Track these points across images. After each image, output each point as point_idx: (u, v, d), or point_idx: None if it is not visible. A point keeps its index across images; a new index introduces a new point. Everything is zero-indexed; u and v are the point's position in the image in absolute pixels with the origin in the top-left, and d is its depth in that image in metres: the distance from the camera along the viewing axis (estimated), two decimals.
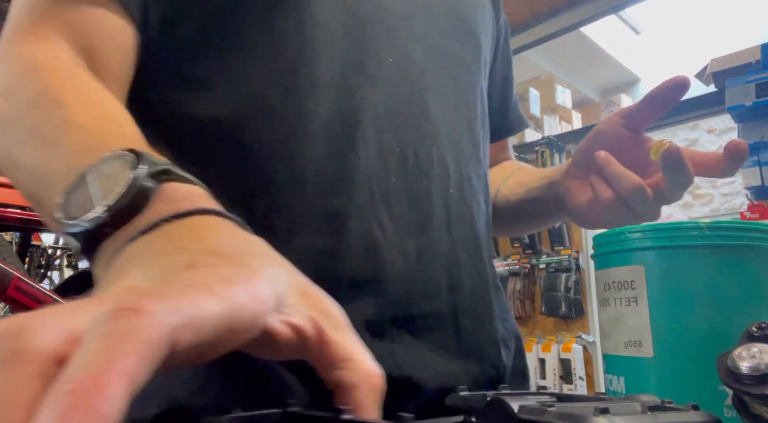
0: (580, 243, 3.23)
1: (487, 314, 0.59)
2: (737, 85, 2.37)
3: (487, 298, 0.59)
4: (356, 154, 0.51)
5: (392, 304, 0.51)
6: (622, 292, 0.49)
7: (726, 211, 3.87)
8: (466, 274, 0.57)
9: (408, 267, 0.52)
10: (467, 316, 0.56)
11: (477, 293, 0.58)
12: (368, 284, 0.50)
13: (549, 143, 3.31)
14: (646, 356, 0.47)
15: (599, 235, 0.55)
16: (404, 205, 0.53)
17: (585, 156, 0.61)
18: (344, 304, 0.48)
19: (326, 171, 0.50)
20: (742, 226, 0.48)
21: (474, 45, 0.64)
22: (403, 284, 0.51)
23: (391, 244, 0.52)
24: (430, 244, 0.54)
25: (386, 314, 0.50)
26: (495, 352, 0.58)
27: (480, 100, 0.65)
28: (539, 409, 0.27)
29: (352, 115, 0.52)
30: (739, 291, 0.46)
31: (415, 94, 0.56)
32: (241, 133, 0.49)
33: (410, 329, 0.52)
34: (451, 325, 0.55)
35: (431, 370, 0.52)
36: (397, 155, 0.53)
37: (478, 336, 0.57)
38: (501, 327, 0.61)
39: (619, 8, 3.06)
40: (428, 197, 0.55)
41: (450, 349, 0.54)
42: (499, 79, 0.78)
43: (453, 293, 0.55)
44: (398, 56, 0.55)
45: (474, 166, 0.61)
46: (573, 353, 3.05)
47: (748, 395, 0.33)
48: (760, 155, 2.34)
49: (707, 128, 4.01)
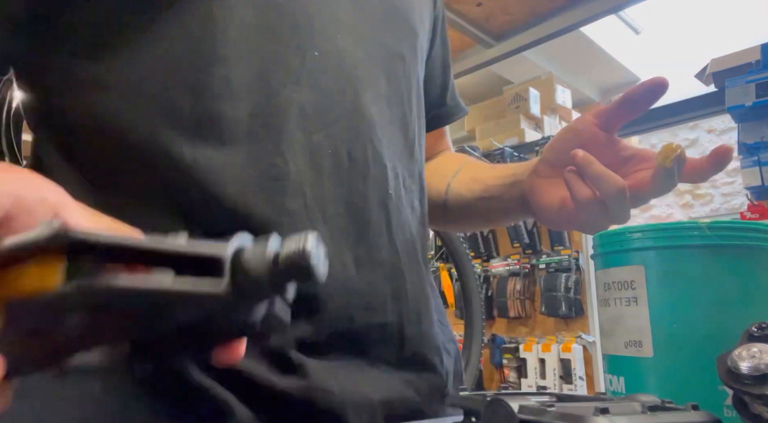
0: (580, 243, 3.22)
1: (428, 319, 0.57)
2: (737, 85, 2.37)
3: (427, 302, 0.57)
4: (283, 158, 0.47)
5: (332, 320, 0.48)
6: (622, 292, 0.49)
7: (726, 211, 3.87)
8: (409, 280, 0.54)
9: (347, 278, 0.49)
10: (411, 324, 0.54)
11: (419, 299, 0.56)
12: (304, 300, 0.45)
13: None
14: (646, 356, 0.47)
15: (599, 235, 0.55)
16: (341, 210, 0.50)
17: (558, 154, 0.56)
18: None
19: (248, 179, 0.46)
20: (742, 226, 0.48)
21: (409, 33, 0.60)
22: (343, 298, 0.48)
23: (328, 255, 0.48)
24: (370, 251, 0.51)
25: (323, 331, 0.48)
26: (437, 358, 0.56)
27: (416, 92, 0.61)
28: (539, 409, 0.27)
29: (275, 117, 0.47)
30: (739, 291, 0.46)
31: (346, 89, 0.52)
32: (146, 140, 0.45)
33: (351, 345, 0.50)
34: (396, 336, 0.52)
35: (373, 385, 0.50)
36: (330, 157, 0.49)
37: (421, 343, 0.55)
38: (440, 331, 0.59)
39: (619, 8, 3.05)
40: (366, 201, 0.51)
41: (392, 362, 0.52)
42: (438, 65, 0.73)
43: (397, 302, 0.52)
44: (324, 50, 0.51)
45: (407, 164, 0.58)
46: (573, 353, 3.05)
47: (748, 395, 0.33)
48: (760, 155, 2.33)
49: (707, 128, 4.01)
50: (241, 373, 0.45)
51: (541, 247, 3.37)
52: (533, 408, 0.27)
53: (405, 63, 0.59)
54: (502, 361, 3.32)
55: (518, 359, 3.28)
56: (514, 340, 3.36)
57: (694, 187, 4.04)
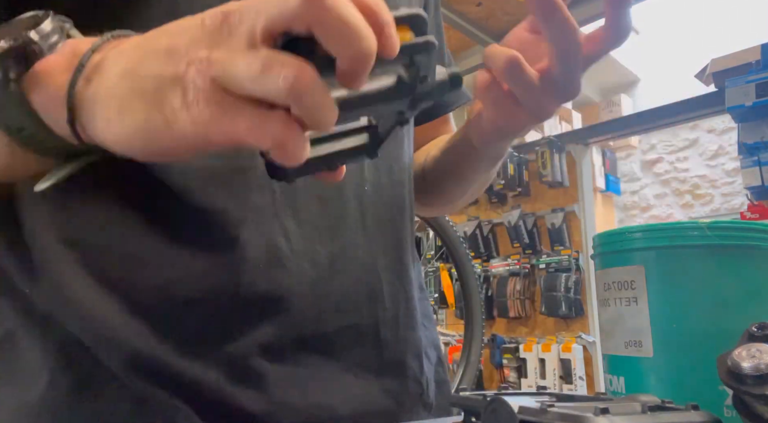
0: (580, 243, 3.23)
1: (410, 323, 0.54)
2: (737, 85, 2.37)
3: (411, 304, 0.54)
4: (250, 149, 0.43)
5: (299, 322, 0.46)
6: (622, 292, 0.49)
7: (726, 211, 3.87)
8: (387, 280, 0.52)
9: (318, 277, 0.47)
10: (388, 328, 0.51)
11: (399, 300, 0.53)
12: (270, 301, 0.44)
13: (549, 143, 3.31)
14: (646, 356, 0.47)
15: (599, 235, 0.55)
16: (312, 205, 0.47)
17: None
18: (240, 326, 0.44)
19: (212, 170, 0.44)
20: (742, 226, 0.48)
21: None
22: (312, 298, 0.46)
23: (298, 253, 0.46)
24: (345, 249, 0.49)
25: (290, 334, 0.45)
26: (417, 364, 0.54)
27: None
28: (539, 409, 0.27)
29: None
30: (739, 291, 0.46)
31: None
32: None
33: (321, 349, 0.47)
34: (370, 340, 0.50)
35: (345, 394, 0.47)
36: None
37: (399, 348, 0.52)
38: (423, 335, 0.56)
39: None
40: (340, 195, 0.49)
41: (368, 367, 0.49)
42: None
43: (373, 303, 0.50)
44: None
45: (396, 154, 0.55)
46: (573, 353, 3.06)
47: (749, 395, 0.33)
48: (760, 155, 2.33)
49: (707, 128, 4.01)
50: (192, 381, 0.42)
51: (541, 247, 3.37)
52: (533, 408, 0.27)
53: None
54: (502, 361, 3.33)
55: (518, 359, 3.29)
56: (514, 340, 3.36)
57: (693, 187, 4.04)
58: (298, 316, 0.46)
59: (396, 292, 0.53)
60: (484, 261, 3.56)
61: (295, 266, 0.45)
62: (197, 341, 0.43)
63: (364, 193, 0.51)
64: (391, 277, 0.53)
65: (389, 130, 0.37)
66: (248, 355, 0.44)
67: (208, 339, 0.43)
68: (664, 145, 4.20)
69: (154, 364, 0.42)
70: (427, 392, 0.55)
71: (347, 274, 0.49)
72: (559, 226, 3.29)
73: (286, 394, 0.44)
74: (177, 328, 0.43)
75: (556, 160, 3.29)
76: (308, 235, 0.47)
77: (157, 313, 0.43)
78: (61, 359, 0.42)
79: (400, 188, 0.56)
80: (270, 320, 0.45)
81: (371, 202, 0.52)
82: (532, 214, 3.43)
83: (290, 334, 0.45)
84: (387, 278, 0.52)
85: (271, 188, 0.45)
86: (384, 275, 0.52)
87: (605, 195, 3.93)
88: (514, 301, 3.35)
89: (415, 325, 0.55)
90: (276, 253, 0.45)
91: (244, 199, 0.44)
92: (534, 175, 3.42)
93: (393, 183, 0.55)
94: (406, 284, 0.54)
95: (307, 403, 0.45)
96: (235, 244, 0.44)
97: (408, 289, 0.54)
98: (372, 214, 0.51)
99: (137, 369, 0.42)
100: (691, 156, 4.09)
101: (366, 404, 0.48)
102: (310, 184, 0.47)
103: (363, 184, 0.51)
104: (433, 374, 0.57)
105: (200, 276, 0.43)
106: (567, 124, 3.87)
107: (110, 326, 0.42)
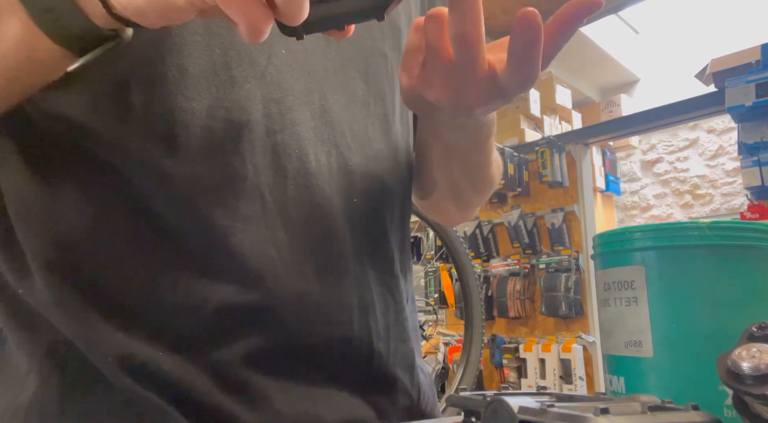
0: (580, 243, 3.23)
1: (401, 335, 0.53)
2: (737, 85, 2.37)
3: (402, 316, 0.54)
4: (241, 158, 0.44)
5: (288, 333, 0.45)
6: (622, 292, 0.49)
7: (726, 211, 3.87)
8: (376, 292, 0.51)
9: (306, 287, 0.46)
10: (380, 340, 0.50)
11: (387, 312, 0.52)
12: (258, 311, 0.44)
13: (549, 143, 3.31)
14: (646, 356, 0.47)
15: (599, 235, 0.55)
16: (303, 215, 0.47)
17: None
18: (228, 335, 0.44)
19: (200, 178, 0.43)
20: (742, 226, 0.48)
21: (391, 29, 0.56)
22: (301, 309, 0.45)
23: (288, 264, 0.45)
24: (334, 260, 0.48)
25: (279, 344, 0.45)
26: (408, 376, 0.53)
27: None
28: (539, 410, 0.27)
29: (235, 112, 0.44)
30: (739, 291, 0.46)
31: (313, 90, 0.49)
32: (93, 134, 0.42)
33: (310, 360, 0.46)
34: (360, 352, 0.49)
35: (332, 404, 0.47)
36: (293, 160, 0.46)
37: (390, 361, 0.51)
38: (415, 347, 0.55)
39: (619, 8, 3.06)
40: (330, 206, 0.48)
41: (357, 379, 0.49)
42: None
43: (363, 315, 0.49)
44: (293, 48, 0.48)
45: (388, 165, 0.54)
46: (573, 353, 3.06)
47: (749, 395, 0.33)
48: (760, 155, 2.34)
49: (707, 128, 4.01)
50: (180, 385, 0.42)
51: (541, 247, 3.37)
52: (533, 408, 0.27)
53: (387, 61, 0.56)
54: (502, 361, 3.33)
55: (518, 359, 3.29)
56: (514, 340, 3.36)
57: (693, 187, 4.04)
58: (287, 327, 0.45)
59: (385, 304, 0.52)
60: (484, 261, 3.56)
61: (284, 276, 0.45)
62: (185, 347, 0.43)
63: (353, 205, 0.50)
64: (381, 289, 0.52)
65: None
66: (236, 363, 0.44)
67: (196, 345, 0.43)
68: (664, 145, 4.20)
69: (143, 366, 0.42)
70: (418, 404, 0.54)
71: (338, 285, 0.48)
72: (559, 226, 3.29)
73: (273, 403, 0.44)
74: (165, 332, 0.43)
75: (556, 160, 3.29)
76: (297, 245, 0.46)
77: (146, 316, 0.43)
78: (50, 360, 0.43)
79: (391, 200, 0.55)
80: (258, 330, 0.44)
81: (359, 213, 0.51)
82: (532, 214, 3.43)
83: (278, 344, 0.45)
84: (377, 290, 0.51)
85: (262, 198, 0.45)
86: (375, 287, 0.51)
87: (605, 195, 3.94)
88: (514, 301, 3.35)
89: (406, 338, 0.54)
90: (265, 263, 0.44)
91: (234, 208, 0.44)
92: (534, 175, 3.42)
93: (384, 193, 0.54)
94: (397, 296, 0.54)
95: (294, 411, 0.44)
96: (224, 253, 0.43)
97: (399, 301, 0.54)
98: (361, 225, 0.51)
99: (126, 370, 0.42)
100: (691, 156, 4.09)
101: (354, 415, 0.48)
102: (300, 195, 0.46)
103: (352, 197, 0.50)
104: (428, 387, 0.56)
105: (187, 282, 0.43)
106: (567, 124, 3.88)
107: (99, 328, 0.42)
